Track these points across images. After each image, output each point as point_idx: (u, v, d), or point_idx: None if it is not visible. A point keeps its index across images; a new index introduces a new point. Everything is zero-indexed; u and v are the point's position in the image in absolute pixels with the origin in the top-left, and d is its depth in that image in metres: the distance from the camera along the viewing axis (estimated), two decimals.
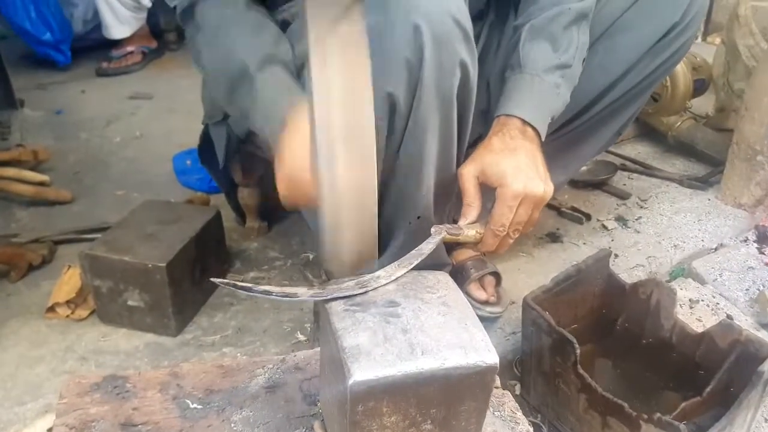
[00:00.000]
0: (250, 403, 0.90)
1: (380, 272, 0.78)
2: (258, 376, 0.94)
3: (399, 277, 0.78)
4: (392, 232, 1.11)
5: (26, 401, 1.16)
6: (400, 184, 1.04)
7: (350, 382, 0.64)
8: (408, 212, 1.07)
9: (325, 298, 0.74)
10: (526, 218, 1.00)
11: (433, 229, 0.92)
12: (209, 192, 1.79)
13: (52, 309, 1.35)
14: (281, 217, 1.69)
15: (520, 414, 0.90)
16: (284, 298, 0.76)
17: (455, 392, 0.68)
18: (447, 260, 1.31)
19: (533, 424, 1.18)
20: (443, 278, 0.79)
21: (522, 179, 0.97)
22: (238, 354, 1.29)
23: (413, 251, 0.84)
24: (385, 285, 0.76)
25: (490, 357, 0.68)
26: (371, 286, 0.75)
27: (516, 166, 0.98)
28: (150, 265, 1.26)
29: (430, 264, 0.83)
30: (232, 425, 0.86)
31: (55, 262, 1.52)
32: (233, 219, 1.67)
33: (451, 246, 1.35)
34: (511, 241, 1.01)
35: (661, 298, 1.20)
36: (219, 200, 1.67)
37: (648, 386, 1.18)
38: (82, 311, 1.36)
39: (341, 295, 0.74)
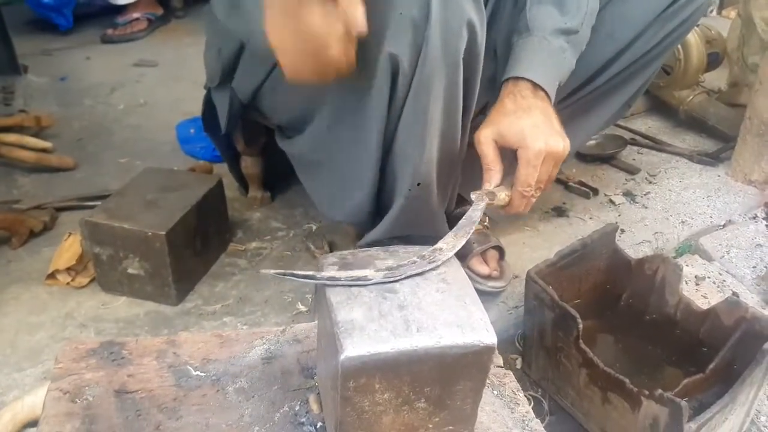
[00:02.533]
0: (246, 373, 0.89)
1: (440, 244, 0.76)
2: (256, 347, 0.93)
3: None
4: (392, 197, 1.10)
5: (25, 367, 1.16)
6: (402, 148, 1.03)
7: (342, 357, 0.62)
8: (408, 178, 1.05)
9: (398, 278, 0.70)
10: (548, 176, 1.01)
11: (473, 196, 0.93)
12: (212, 161, 1.76)
13: (52, 276, 1.35)
14: (284, 187, 1.68)
15: (521, 395, 0.89)
16: (356, 284, 0.70)
17: (450, 371, 0.67)
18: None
19: (534, 399, 1.18)
20: None
21: (541, 137, 0.97)
22: (239, 324, 1.28)
23: (463, 220, 0.83)
24: (450, 257, 0.74)
25: (488, 337, 0.66)
26: (439, 260, 0.73)
27: (533, 124, 0.98)
28: (150, 233, 1.24)
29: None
30: (227, 395, 0.85)
31: (56, 229, 1.51)
32: (236, 188, 1.66)
33: None
34: (534, 200, 1.02)
35: (667, 274, 1.19)
36: (222, 169, 1.64)
37: (650, 362, 1.18)
38: (83, 279, 1.35)
39: (414, 272, 0.71)
